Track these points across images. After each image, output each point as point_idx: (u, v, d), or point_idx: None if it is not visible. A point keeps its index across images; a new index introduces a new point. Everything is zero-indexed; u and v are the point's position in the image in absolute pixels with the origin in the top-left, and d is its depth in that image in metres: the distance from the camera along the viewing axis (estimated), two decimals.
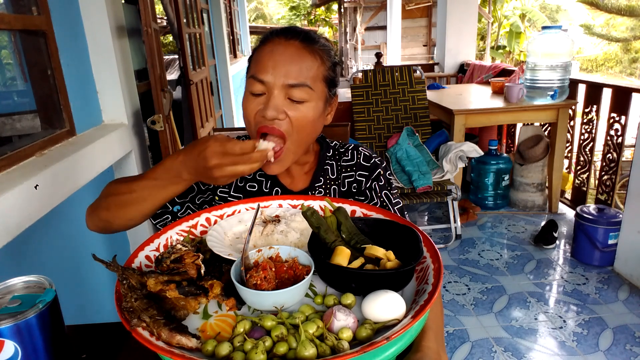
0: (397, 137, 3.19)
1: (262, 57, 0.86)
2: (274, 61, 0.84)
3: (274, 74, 0.83)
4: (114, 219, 0.86)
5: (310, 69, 0.86)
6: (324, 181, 1.00)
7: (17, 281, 0.62)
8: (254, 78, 0.85)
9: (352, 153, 1.02)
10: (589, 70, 16.21)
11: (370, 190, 0.99)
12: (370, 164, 1.01)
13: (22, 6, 1.47)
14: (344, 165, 1.01)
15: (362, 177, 1.00)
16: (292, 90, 0.84)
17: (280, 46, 0.85)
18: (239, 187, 1.00)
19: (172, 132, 2.38)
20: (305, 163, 1.01)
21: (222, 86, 5.26)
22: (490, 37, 11.48)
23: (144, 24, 1.99)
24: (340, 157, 1.02)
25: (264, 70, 0.84)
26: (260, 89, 0.85)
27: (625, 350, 1.97)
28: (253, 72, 0.86)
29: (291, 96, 0.84)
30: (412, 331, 0.57)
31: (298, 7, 21.45)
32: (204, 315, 0.63)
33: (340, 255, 0.68)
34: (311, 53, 0.87)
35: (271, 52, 0.85)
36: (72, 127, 1.66)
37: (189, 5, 3.15)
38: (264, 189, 0.98)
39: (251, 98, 0.86)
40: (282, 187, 0.98)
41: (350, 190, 1.01)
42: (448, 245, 2.98)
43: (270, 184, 0.98)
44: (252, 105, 0.86)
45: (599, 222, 2.58)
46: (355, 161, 1.01)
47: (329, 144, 1.04)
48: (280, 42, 0.86)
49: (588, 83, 3.22)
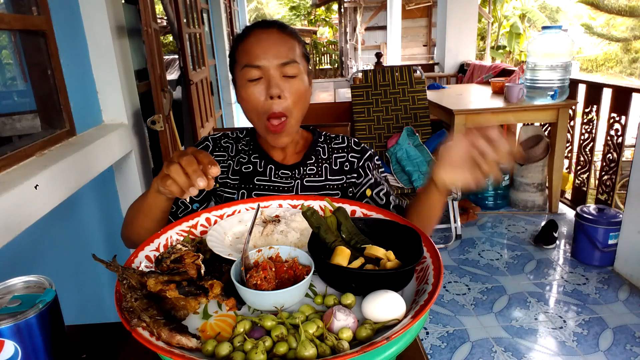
0: (397, 137, 3.20)
1: (251, 47, 0.95)
2: (263, 47, 0.94)
3: (266, 57, 0.93)
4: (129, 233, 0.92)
5: (292, 48, 0.97)
6: (316, 159, 1.07)
7: (17, 281, 0.62)
8: (249, 66, 0.94)
9: (343, 138, 1.11)
10: (589, 70, 16.21)
11: (362, 169, 1.07)
12: (360, 148, 1.10)
13: (22, 6, 1.47)
14: (335, 148, 1.09)
15: (354, 158, 1.08)
16: (285, 68, 0.94)
17: (263, 34, 0.95)
18: (235, 170, 1.05)
19: (172, 132, 2.38)
20: (298, 142, 1.09)
21: (222, 86, 5.26)
22: (490, 37, 11.48)
23: (144, 24, 1.99)
24: (332, 141, 1.10)
25: (256, 57, 0.93)
26: (257, 74, 0.94)
27: (625, 350, 1.97)
28: (246, 62, 0.94)
29: (285, 73, 0.94)
30: (412, 331, 0.57)
31: (298, 7, 21.45)
32: (204, 315, 0.63)
33: (340, 255, 0.68)
34: (289, 35, 0.98)
35: (258, 41, 0.95)
36: (72, 127, 1.66)
37: (189, 5, 3.15)
38: (259, 168, 1.05)
39: (250, 85, 0.95)
40: (275, 163, 1.05)
41: (342, 169, 1.07)
42: (448, 245, 2.98)
43: (264, 162, 1.05)
44: (255, 91, 0.95)
45: (599, 222, 2.58)
46: (346, 144, 1.10)
47: (320, 133, 1.13)
48: (262, 32, 0.96)
49: (588, 83, 3.22)
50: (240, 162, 1.06)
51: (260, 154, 1.06)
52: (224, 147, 1.08)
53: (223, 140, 1.09)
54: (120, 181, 2.04)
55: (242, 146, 1.09)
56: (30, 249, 1.36)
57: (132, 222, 0.90)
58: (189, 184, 0.70)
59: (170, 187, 0.71)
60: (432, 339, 2.10)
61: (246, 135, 1.11)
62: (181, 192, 0.72)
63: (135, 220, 0.89)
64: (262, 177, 1.04)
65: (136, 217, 0.88)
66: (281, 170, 1.04)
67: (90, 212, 1.77)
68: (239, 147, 1.08)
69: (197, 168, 0.70)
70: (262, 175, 1.04)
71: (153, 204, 0.84)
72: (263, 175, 1.04)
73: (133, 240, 0.92)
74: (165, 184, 0.72)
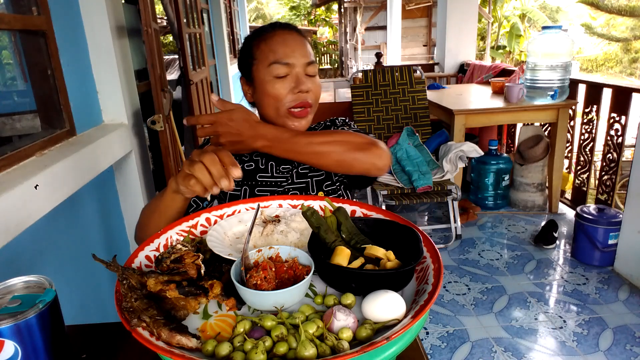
0: (397, 137, 3.19)
1: (278, 46, 0.99)
2: (291, 47, 0.99)
3: (294, 56, 0.99)
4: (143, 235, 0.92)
5: (310, 50, 1.04)
6: None
7: (17, 281, 0.62)
8: (278, 63, 0.98)
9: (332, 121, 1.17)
10: (589, 70, 16.20)
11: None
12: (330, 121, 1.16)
13: (22, 6, 1.47)
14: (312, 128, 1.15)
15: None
16: (309, 67, 1.01)
17: (288, 35, 1.01)
18: None
19: (172, 132, 2.38)
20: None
21: (222, 86, 5.26)
22: (490, 37, 11.47)
23: (144, 24, 1.99)
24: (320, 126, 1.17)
25: (285, 55, 0.98)
26: (284, 71, 0.99)
27: (625, 350, 1.97)
28: (274, 59, 0.99)
29: (308, 72, 1.01)
30: (412, 331, 0.57)
31: (298, 7, 21.44)
32: (204, 315, 0.63)
33: (340, 255, 0.68)
34: (305, 38, 1.05)
35: (284, 40, 1.00)
36: (72, 127, 1.66)
37: (189, 5, 3.15)
38: (260, 165, 1.09)
39: (278, 81, 0.99)
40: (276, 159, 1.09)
41: None
42: (448, 245, 2.98)
43: (264, 159, 1.10)
44: (283, 86, 0.99)
45: (599, 222, 2.58)
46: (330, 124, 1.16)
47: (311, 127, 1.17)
48: (285, 32, 1.02)
49: (588, 83, 3.22)
50: (242, 160, 1.10)
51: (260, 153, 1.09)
52: None
53: None
54: (120, 181, 2.04)
55: None
56: (30, 249, 1.36)
57: (147, 223, 0.90)
58: (212, 183, 0.71)
59: (194, 187, 0.72)
60: (432, 339, 2.10)
61: None
62: (204, 191, 0.72)
63: (150, 222, 0.89)
64: (264, 174, 1.08)
65: (151, 218, 0.89)
66: (282, 166, 1.08)
67: (90, 212, 1.77)
68: None
69: (221, 168, 0.71)
70: (264, 172, 1.08)
71: (170, 204, 0.85)
72: (265, 172, 1.08)
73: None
74: (188, 184, 0.72)
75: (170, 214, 0.87)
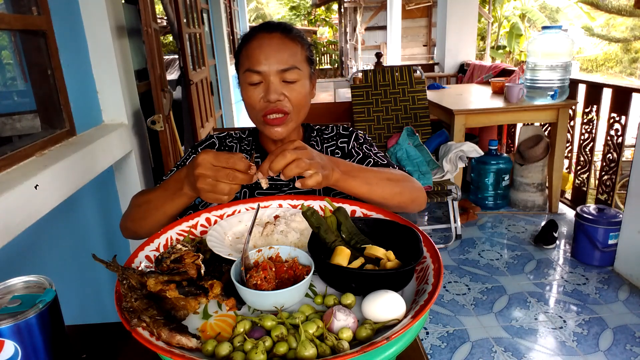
0: (397, 137, 3.19)
1: (253, 52, 0.96)
2: (264, 53, 0.95)
3: (267, 63, 0.94)
4: (137, 228, 0.93)
5: (295, 53, 0.97)
6: None
7: (17, 281, 0.62)
8: (250, 71, 0.96)
9: (332, 128, 1.16)
10: (589, 70, 16.20)
11: (353, 149, 1.10)
12: (348, 132, 1.14)
13: (22, 6, 1.47)
14: (325, 138, 1.14)
15: (343, 143, 1.12)
16: (285, 74, 0.96)
17: (266, 39, 0.96)
18: None
19: (172, 132, 2.38)
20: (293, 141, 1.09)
21: (222, 86, 5.26)
22: (490, 37, 11.47)
23: (144, 24, 1.99)
24: (322, 133, 1.15)
25: (257, 62, 0.95)
26: (257, 79, 0.96)
27: (625, 350, 1.97)
28: (248, 66, 0.96)
29: (285, 79, 0.96)
30: (412, 331, 0.57)
31: (298, 7, 21.44)
32: (204, 315, 0.63)
33: (340, 255, 0.68)
34: (292, 40, 0.98)
35: (260, 46, 0.96)
36: (72, 127, 1.66)
37: (189, 5, 3.15)
38: None
39: (251, 88, 0.97)
40: None
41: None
42: (448, 245, 2.98)
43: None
44: (254, 94, 0.97)
45: (599, 222, 2.58)
46: (335, 132, 1.14)
47: (312, 127, 1.16)
48: (265, 36, 0.97)
49: (588, 83, 3.22)
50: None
51: (262, 154, 1.10)
52: (229, 147, 1.12)
53: (228, 140, 1.14)
54: (120, 181, 2.04)
55: (245, 146, 1.12)
56: (30, 249, 1.36)
57: (144, 217, 0.90)
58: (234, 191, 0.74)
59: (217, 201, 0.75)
60: (432, 339, 2.10)
61: (248, 136, 1.15)
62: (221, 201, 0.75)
63: (149, 216, 0.89)
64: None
65: (151, 213, 0.88)
66: None
67: (90, 212, 1.77)
68: (242, 147, 1.12)
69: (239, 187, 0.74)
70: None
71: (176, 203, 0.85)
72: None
73: (140, 235, 0.93)
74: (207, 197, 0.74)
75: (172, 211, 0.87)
